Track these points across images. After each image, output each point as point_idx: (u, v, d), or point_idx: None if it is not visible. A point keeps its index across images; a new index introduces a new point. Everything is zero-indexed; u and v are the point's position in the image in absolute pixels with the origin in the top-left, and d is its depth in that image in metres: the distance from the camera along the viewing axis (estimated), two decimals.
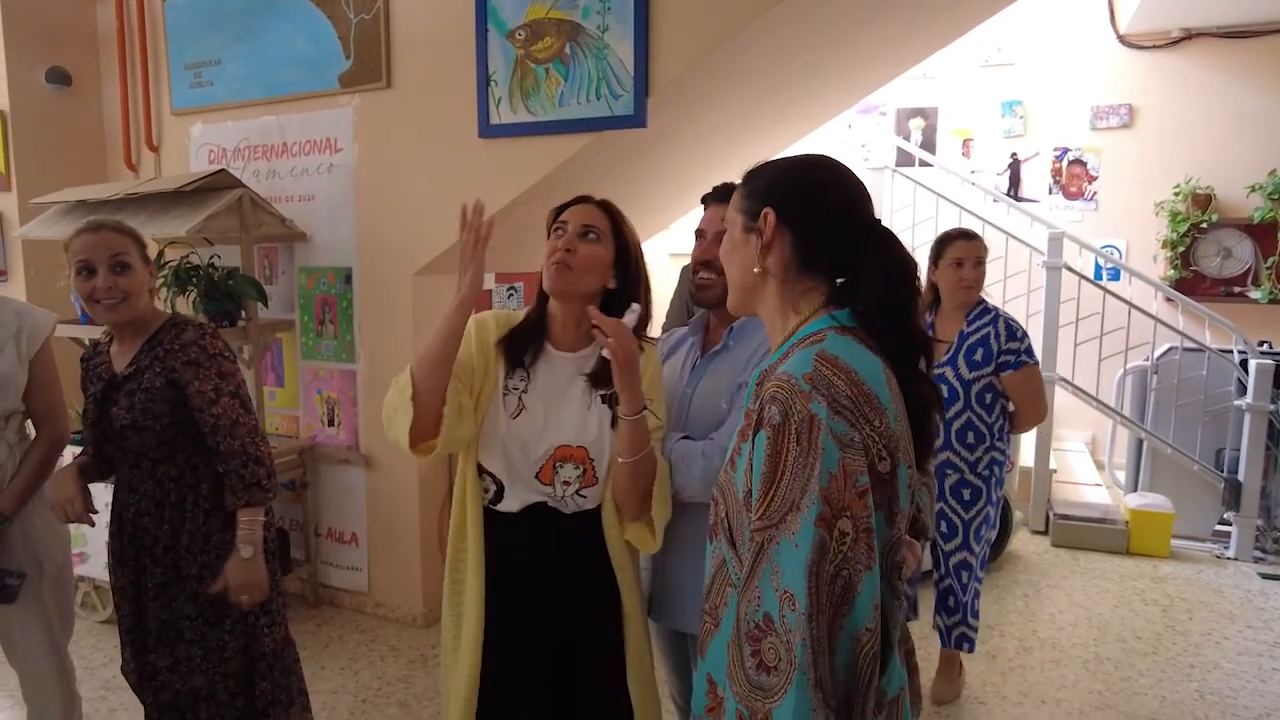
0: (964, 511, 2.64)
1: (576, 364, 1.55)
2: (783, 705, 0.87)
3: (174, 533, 1.79)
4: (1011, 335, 2.53)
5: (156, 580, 1.79)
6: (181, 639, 1.81)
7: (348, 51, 3.18)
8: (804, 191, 1.08)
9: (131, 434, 1.75)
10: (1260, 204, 5.09)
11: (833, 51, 3.18)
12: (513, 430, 1.51)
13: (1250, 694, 2.85)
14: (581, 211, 1.55)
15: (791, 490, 0.89)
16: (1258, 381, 4.03)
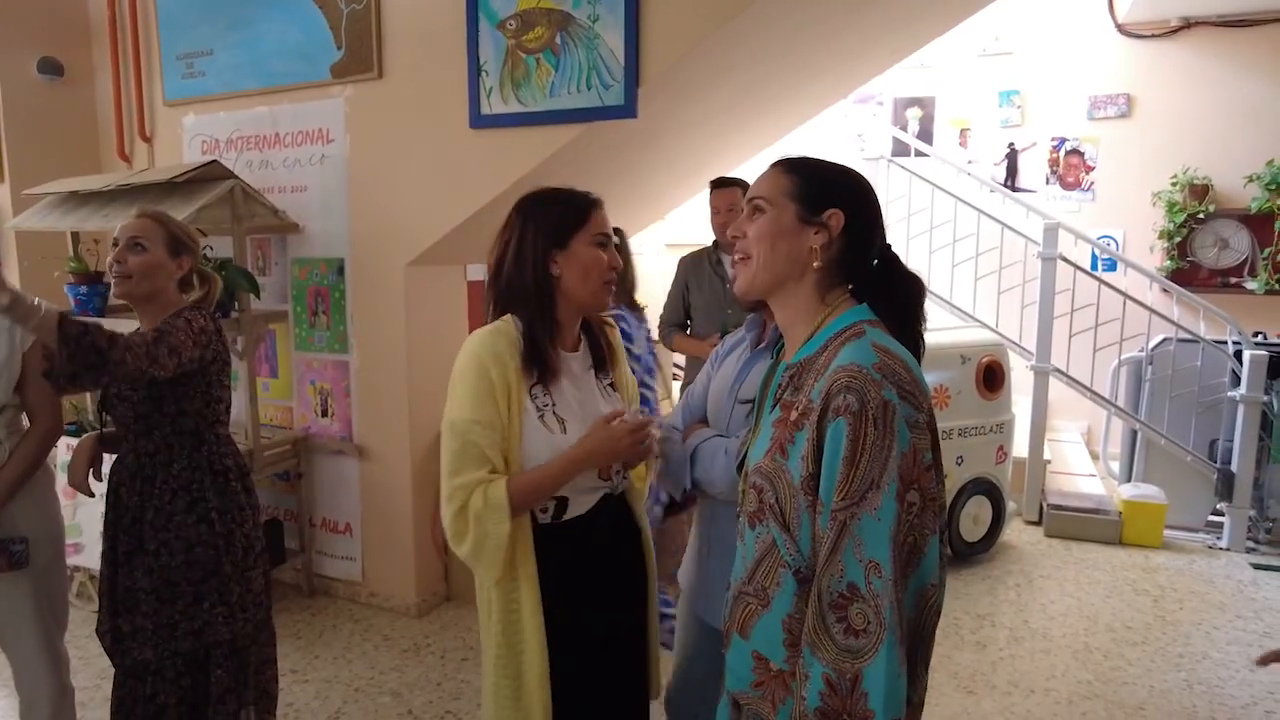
0: None
1: (580, 360, 1.56)
2: (874, 663, 0.97)
3: (141, 505, 1.88)
4: None
5: (124, 548, 1.88)
6: (138, 609, 1.87)
7: (339, 42, 3.17)
8: (869, 204, 1.17)
9: (116, 403, 1.87)
10: (1258, 194, 5.07)
11: (826, 41, 3.17)
12: (566, 445, 1.45)
13: (1238, 683, 2.86)
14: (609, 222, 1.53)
15: (871, 470, 0.98)
16: (1251, 373, 4.03)
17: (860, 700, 0.97)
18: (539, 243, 1.45)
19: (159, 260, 1.89)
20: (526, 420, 1.44)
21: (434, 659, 2.96)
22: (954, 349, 3.75)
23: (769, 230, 1.14)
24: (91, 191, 3.18)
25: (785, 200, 1.14)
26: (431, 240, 3.03)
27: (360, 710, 2.65)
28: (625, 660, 1.59)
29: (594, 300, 1.49)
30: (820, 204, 1.12)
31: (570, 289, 1.46)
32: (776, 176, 1.16)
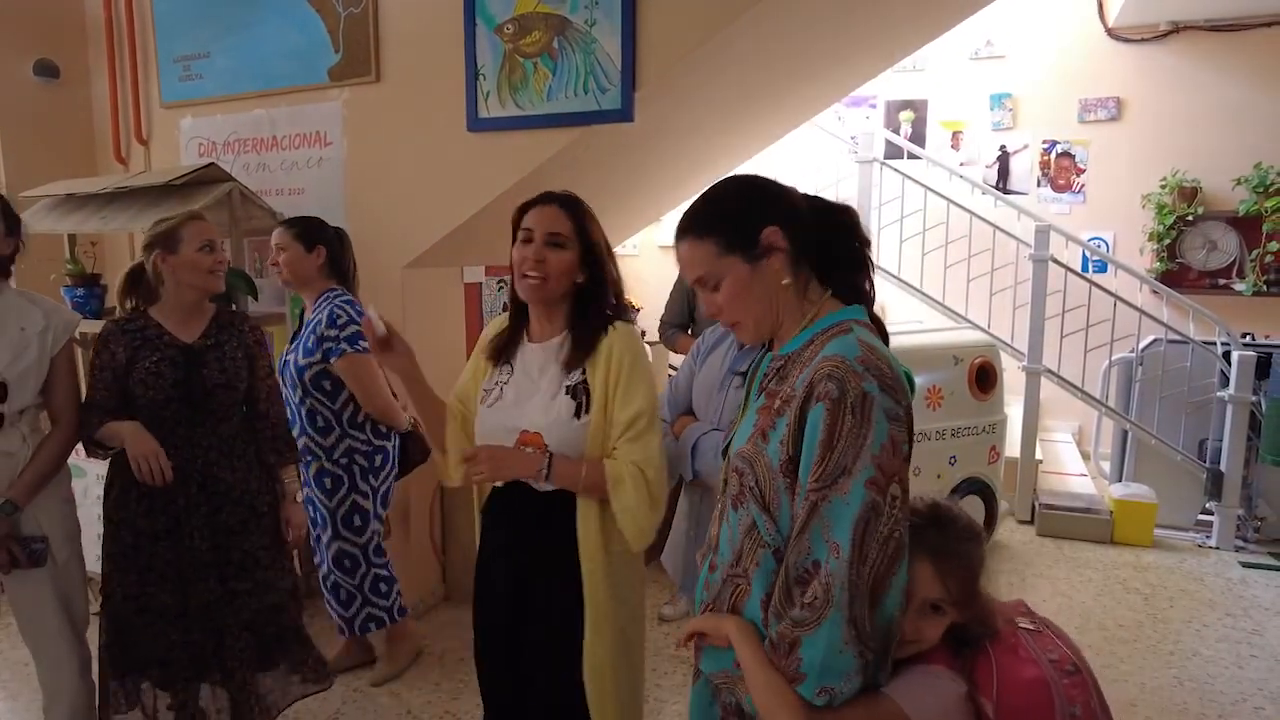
0: (328, 500, 2.61)
1: (547, 353, 1.63)
2: (814, 635, 1.01)
3: (245, 479, 2.14)
4: (332, 323, 2.49)
5: (238, 518, 2.12)
6: (259, 566, 2.16)
7: (337, 45, 3.19)
8: (769, 192, 1.17)
9: (222, 392, 2.09)
10: (1245, 197, 5.13)
11: (821, 45, 3.20)
12: (486, 417, 1.64)
13: (1228, 680, 2.90)
14: (546, 217, 1.57)
15: (845, 457, 1.01)
16: (1240, 373, 4.08)
17: (794, 663, 1.03)
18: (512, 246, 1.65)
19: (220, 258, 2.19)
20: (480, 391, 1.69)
21: (432, 659, 2.97)
22: (946, 350, 3.78)
23: (736, 291, 1.14)
24: (89, 194, 3.19)
25: (724, 260, 1.13)
26: (429, 243, 3.04)
27: (359, 711, 2.67)
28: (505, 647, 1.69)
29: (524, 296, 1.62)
30: (751, 235, 1.12)
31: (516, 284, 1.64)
32: (695, 248, 1.15)
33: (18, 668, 2.88)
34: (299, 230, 2.63)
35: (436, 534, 3.39)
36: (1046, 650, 1.12)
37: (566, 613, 1.58)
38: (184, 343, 2.08)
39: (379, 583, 2.72)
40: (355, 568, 2.67)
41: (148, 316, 2.09)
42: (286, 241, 2.62)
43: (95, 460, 3.05)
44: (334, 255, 2.66)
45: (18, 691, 2.79)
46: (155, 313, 2.09)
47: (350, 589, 2.69)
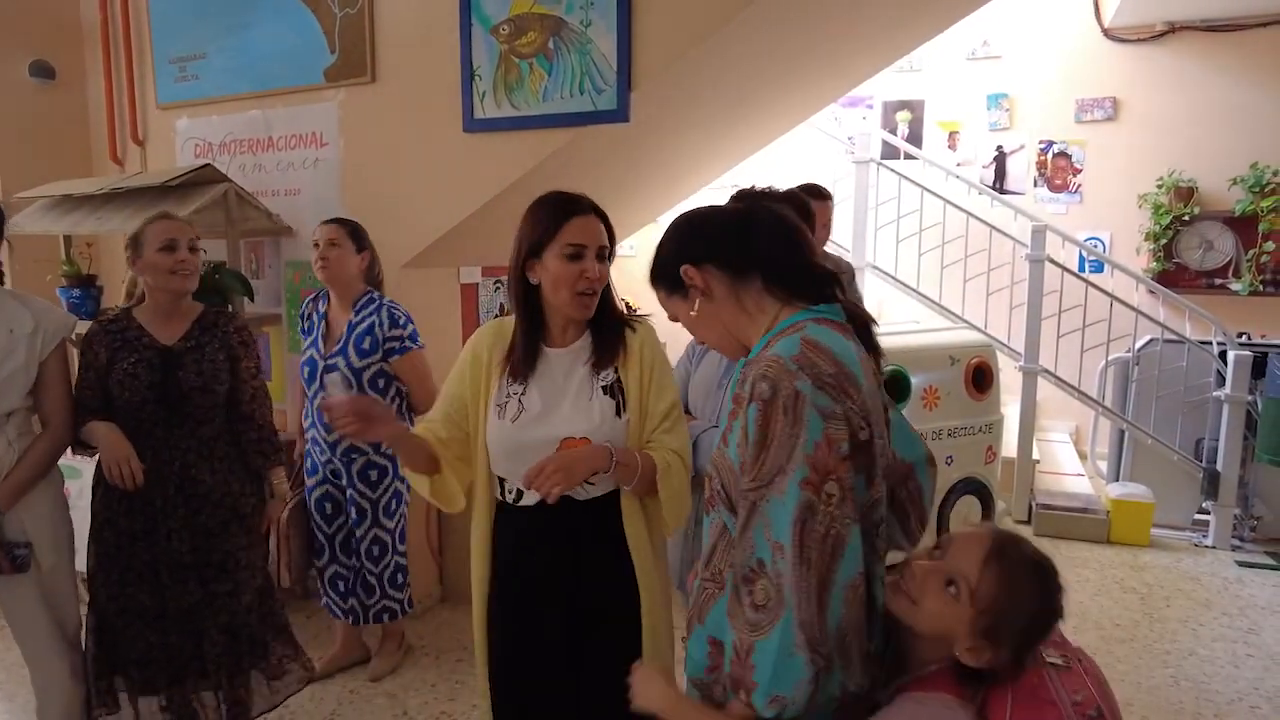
0: (372, 492, 2.70)
1: (571, 357, 1.60)
2: (768, 637, 0.99)
3: (225, 481, 2.13)
4: (395, 323, 2.63)
5: (218, 520, 2.11)
6: (240, 566, 2.15)
7: (333, 46, 3.19)
8: (694, 232, 1.22)
9: (199, 395, 2.07)
10: (1242, 196, 5.14)
11: (817, 45, 3.20)
12: (511, 432, 1.56)
13: (1224, 680, 2.91)
14: (593, 231, 1.54)
15: (779, 457, 1.01)
16: (1236, 373, 4.08)
17: (749, 671, 1.01)
18: (520, 253, 1.55)
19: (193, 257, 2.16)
20: (490, 406, 1.60)
21: (429, 660, 2.97)
22: (943, 350, 3.79)
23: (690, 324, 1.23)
24: (84, 195, 3.19)
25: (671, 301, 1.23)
26: (425, 243, 3.04)
27: (355, 711, 2.66)
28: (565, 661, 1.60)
29: (569, 310, 1.54)
30: (675, 277, 1.19)
31: (550, 298, 1.55)
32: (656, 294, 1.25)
33: (14, 669, 2.88)
34: (352, 229, 2.70)
35: (433, 536, 3.39)
36: (1072, 691, 1.05)
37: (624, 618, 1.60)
38: (162, 344, 2.08)
39: (397, 573, 2.80)
40: (383, 555, 2.76)
41: (130, 317, 2.11)
42: (340, 238, 2.66)
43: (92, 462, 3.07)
44: (373, 260, 2.77)
45: (14, 692, 2.79)
46: (138, 313, 2.11)
47: (373, 578, 2.76)
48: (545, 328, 1.59)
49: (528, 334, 1.58)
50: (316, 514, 2.77)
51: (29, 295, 2.06)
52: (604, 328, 1.60)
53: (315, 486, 2.76)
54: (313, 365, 2.69)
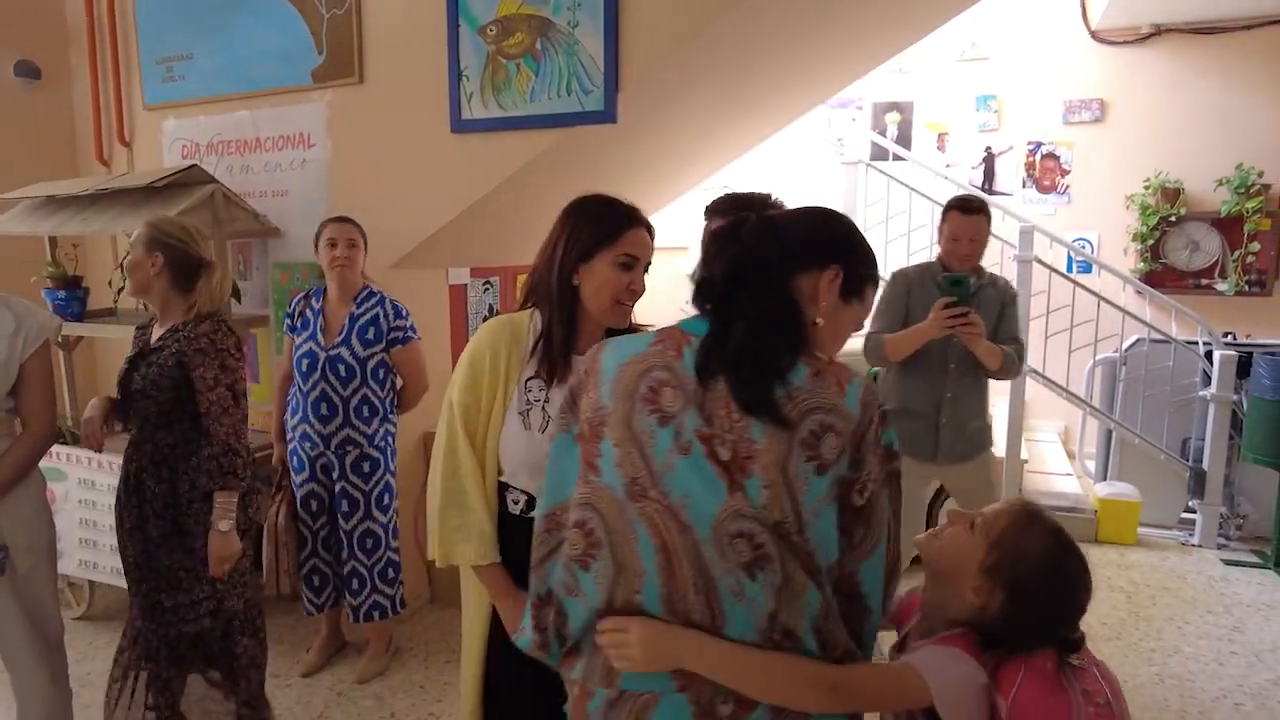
0: (365, 484, 2.74)
1: None
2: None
3: (171, 491, 2.06)
4: (398, 314, 2.75)
5: (160, 530, 2.06)
6: (180, 586, 2.07)
7: (320, 47, 3.18)
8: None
9: (140, 399, 2.05)
10: (1227, 198, 5.17)
11: (804, 46, 3.21)
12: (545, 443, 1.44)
13: (1208, 677, 2.93)
14: (647, 245, 1.52)
15: None
16: (1221, 372, 4.11)
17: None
18: (567, 252, 1.50)
19: (143, 264, 2.08)
20: (509, 412, 1.52)
21: (417, 662, 2.96)
22: None
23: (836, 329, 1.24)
24: (70, 195, 3.17)
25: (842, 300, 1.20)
26: (412, 244, 3.04)
27: (343, 714, 2.66)
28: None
29: (605, 317, 1.52)
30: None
31: (588, 301, 1.51)
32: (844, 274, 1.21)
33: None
34: (361, 229, 2.78)
35: (422, 537, 3.38)
36: (1082, 682, 1.08)
37: None
38: (144, 344, 2.14)
39: (389, 568, 2.82)
40: (375, 548, 2.79)
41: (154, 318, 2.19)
42: (358, 237, 2.75)
43: (78, 464, 3.06)
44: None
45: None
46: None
47: (365, 570, 2.77)
48: (575, 332, 1.53)
49: (564, 337, 1.51)
50: (303, 511, 2.77)
51: (11, 297, 2.05)
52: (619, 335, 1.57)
53: (302, 484, 2.76)
54: (313, 357, 2.70)
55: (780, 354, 1.02)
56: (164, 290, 2.10)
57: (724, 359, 1.03)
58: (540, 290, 1.54)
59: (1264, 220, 5.09)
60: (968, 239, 2.69)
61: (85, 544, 3.09)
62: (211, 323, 2.08)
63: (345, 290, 2.75)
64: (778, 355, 1.02)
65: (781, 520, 0.98)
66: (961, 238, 2.69)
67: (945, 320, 2.49)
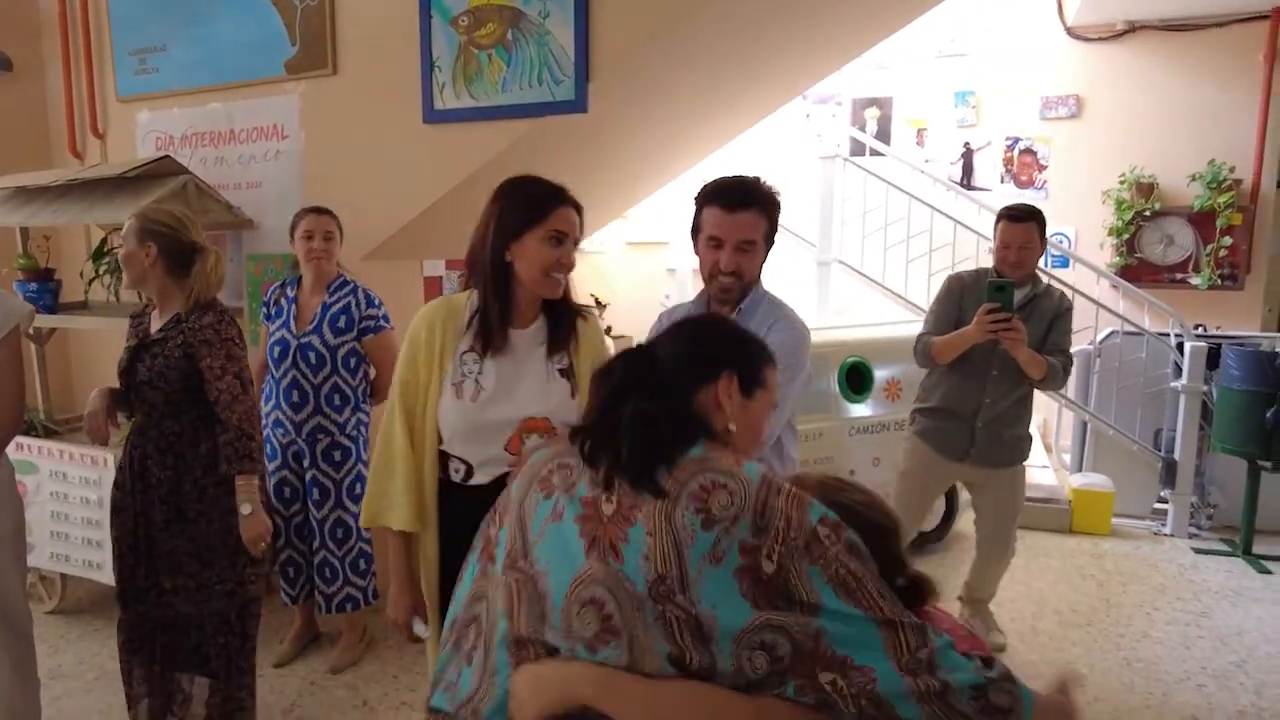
0: (335, 473, 2.75)
1: (530, 337, 1.64)
2: None
3: (176, 478, 2.10)
4: (370, 304, 2.76)
5: (163, 515, 2.10)
6: (180, 570, 2.12)
7: (293, 38, 3.18)
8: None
9: (147, 389, 2.09)
10: (1200, 193, 5.23)
11: (779, 39, 3.23)
12: (478, 413, 1.59)
13: (1174, 660, 2.97)
14: (574, 221, 1.61)
15: None
16: (1192, 363, 4.16)
17: None
18: (500, 231, 1.57)
19: (136, 255, 2.09)
20: (444, 384, 1.61)
21: (391, 653, 2.96)
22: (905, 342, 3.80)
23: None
24: (41, 187, 3.15)
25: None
26: (386, 234, 3.04)
27: (316, 703, 2.66)
28: None
29: (538, 288, 1.60)
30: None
31: (522, 276, 1.59)
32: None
33: None
34: (338, 220, 2.79)
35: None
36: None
37: None
38: (144, 334, 2.16)
39: (360, 559, 2.82)
40: (347, 538, 2.79)
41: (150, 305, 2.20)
42: (334, 229, 2.76)
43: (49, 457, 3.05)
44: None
45: None
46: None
47: (336, 561, 2.78)
48: (511, 307, 1.62)
49: (500, 312, 1.60)
50: (275, 498, 2.78)
51: None
52: (559, 313, 1.66)
53: (274, 471, 2.77)
54: (284, 345, 2.71)
55: (670, 439, 0.98)
56: (160, 279, 2.10)
57: (607, 442, 0.99)
58: (476, 268, 1.62)
59: (1235, 215, 5.15)
60: (1017, 246, 2.74)
61: (57, 537, 3.08)
62: (215, 313, 2.11)
63: (320, 280, 2.76)
64: (668, 439, 0.98)
65: (664, 575, 0.90)
66: (1011, 245, 2.75)
67: (988, 325, 2.55)
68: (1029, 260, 2.78)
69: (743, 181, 1.76)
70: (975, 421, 2.81)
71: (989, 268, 2.90)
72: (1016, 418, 2.87)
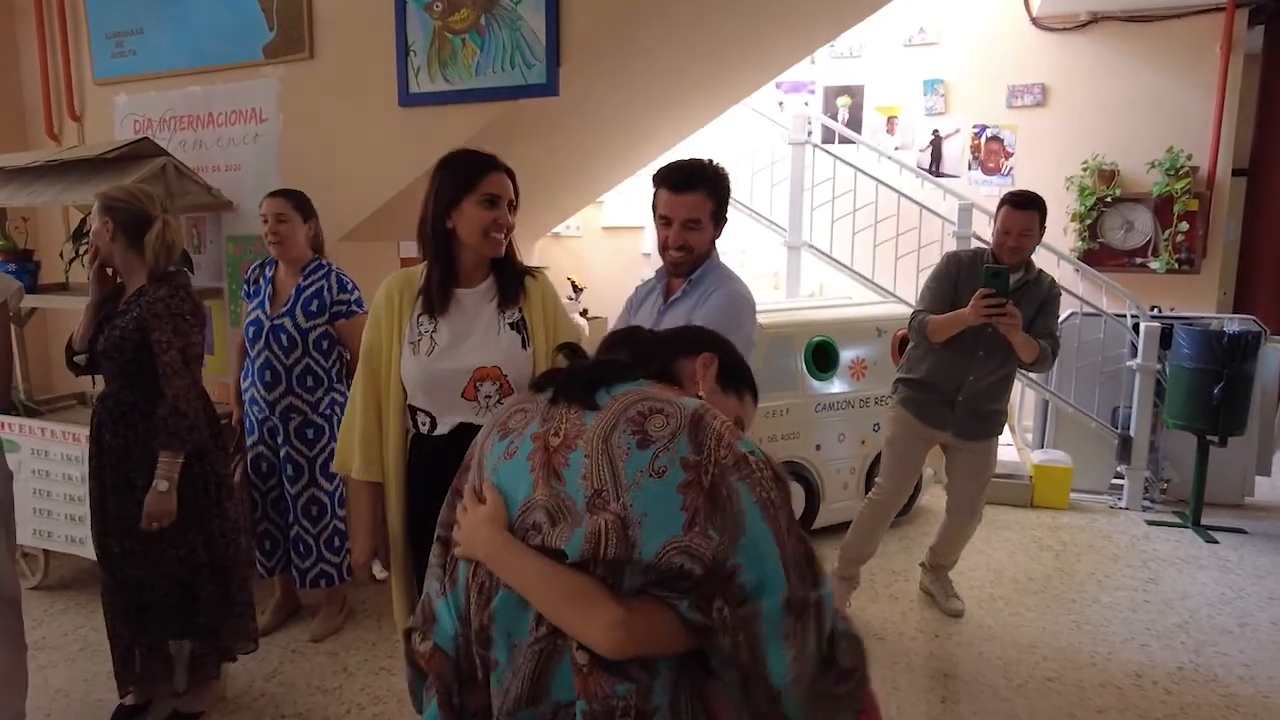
0: (309, 450, 2.82)
1: (479, 295, 1.79)
2: None
3: (124, 447, 2.18)
4: (343, 288, 2.78)
5: (112, 481, 2.20)
6: (128, 534, 2.19)
7: (271, 23, 3.23)
8: None
9: (103, 359, 2.17)
10: (1159, 179, 5.39)
11: (746, 27, 3.32)
12: (432, 366, 1.74)
13: (1120, 622, 3.12)
14: (505, 185, 1.75)
15: None
16: (1146, 343, 4.32)
17: None
18: (439, 201, 1.72)
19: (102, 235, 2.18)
20: (404, 346, 1.77)
21: (370, 621, 3.06)
22: (870, 322, 3.96)
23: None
24: (18, 168, 3.18)
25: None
26: (363, 216, 3.11)
27: (297, 669, 2.74)
28: None
29: (481, 248, 1.75)
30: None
31: (464, 239, 1.74)
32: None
33: None
34: (298, 202, 2.78)
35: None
36: None
37: None
38: (114, 306, 2.23)
39: (334, 537, 2.89)
40: (321, 516, 2.85)
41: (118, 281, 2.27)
42: (288, 212, 2.75)
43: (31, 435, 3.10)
44: (318, 228, 2.86)
45: None
46: None
47: (310, 539, 2.85)
48: (457, 270, 1.76)
49: (443, 275, 1.75)
50: (253, 472, 2.85)
51: None
52: (506, 272, 1.81)
53: (252, 446, 2.84)
54: (258, 325, 2.77)
55: (622, 369, 1.05)
56: (122, 253, 2.18)
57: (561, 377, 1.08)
58: (423, 238, 1.76)
59: (1192, 201, 5.32)
60: (1017, 233, 2.81)
61: (39, 514, 3.13)
62: (170, 287, 2.16)
63: (291, 263, 2.80)
64: (618, 371, 1.05)
65: (600, 489, 0.93)
66: (1012, 230, 2.81)
67: (983, 309, 2.65)
68: (1027, 247, 2.85)
69: (690, 164, 1.92)
70: (956, 397, 2.92)
71: (985, 249, 2.97)
72: (997, 395, 2.96)
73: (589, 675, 0.90)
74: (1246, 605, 3.28)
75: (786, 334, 3.69)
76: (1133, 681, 2.72)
